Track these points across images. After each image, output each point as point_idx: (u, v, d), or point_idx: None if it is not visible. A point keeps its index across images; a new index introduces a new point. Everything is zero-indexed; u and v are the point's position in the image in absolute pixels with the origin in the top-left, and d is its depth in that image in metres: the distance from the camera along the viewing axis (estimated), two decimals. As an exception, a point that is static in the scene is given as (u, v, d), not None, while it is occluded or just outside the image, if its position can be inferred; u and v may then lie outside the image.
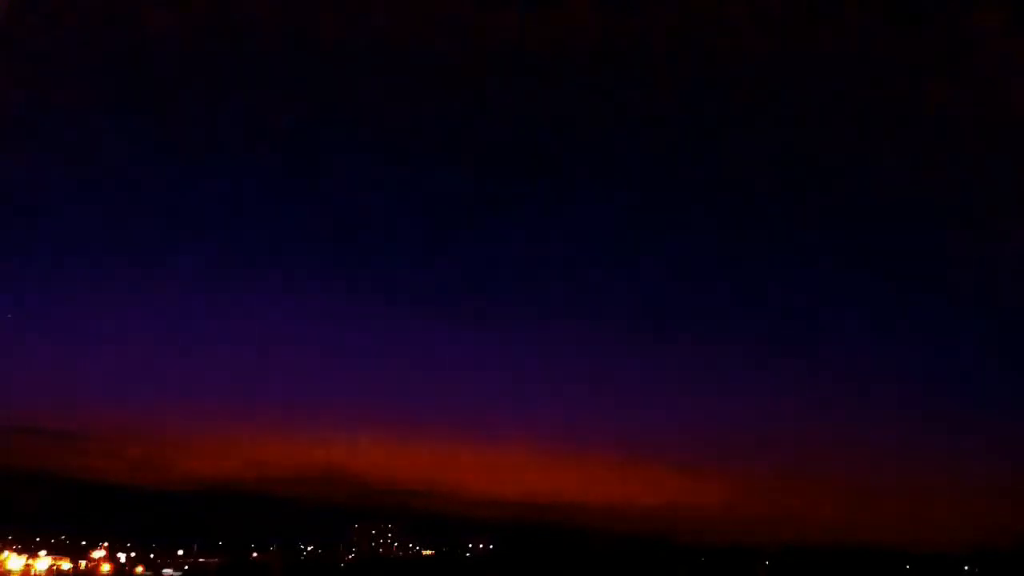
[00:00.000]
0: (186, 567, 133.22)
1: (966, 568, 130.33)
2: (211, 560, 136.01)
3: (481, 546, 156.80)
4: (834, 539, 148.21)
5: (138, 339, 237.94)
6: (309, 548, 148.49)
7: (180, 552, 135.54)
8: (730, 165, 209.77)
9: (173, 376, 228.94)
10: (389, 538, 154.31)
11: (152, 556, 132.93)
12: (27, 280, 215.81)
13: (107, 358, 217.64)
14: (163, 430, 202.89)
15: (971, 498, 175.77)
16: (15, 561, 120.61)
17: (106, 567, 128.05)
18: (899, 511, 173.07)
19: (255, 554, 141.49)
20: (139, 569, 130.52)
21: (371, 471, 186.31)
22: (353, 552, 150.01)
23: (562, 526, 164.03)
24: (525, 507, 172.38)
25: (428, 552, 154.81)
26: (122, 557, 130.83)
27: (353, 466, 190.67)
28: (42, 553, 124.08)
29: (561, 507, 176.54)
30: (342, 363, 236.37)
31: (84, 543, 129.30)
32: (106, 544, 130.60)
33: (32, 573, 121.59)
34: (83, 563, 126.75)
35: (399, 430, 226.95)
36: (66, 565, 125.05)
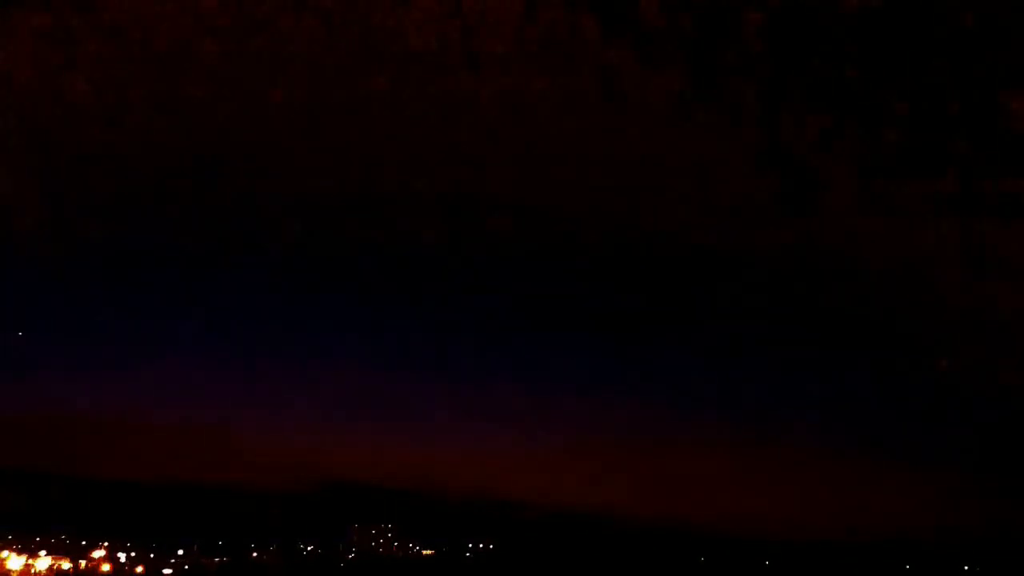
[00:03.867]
0: (186, 567, 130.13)
1: (966, 568, 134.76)
2: (211, 560, 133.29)
3: (481, 546, 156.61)
4: (834, 538, 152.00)
5: (138, 338, 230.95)
6: (309, 548, 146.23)
7: (180, 552, 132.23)
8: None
9: (173, 375, 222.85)
10: (389, 538, 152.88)
11: (152, 556, 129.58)
12: (26, 278, 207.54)
13: (107, 356, 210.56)
14: (163, 430, 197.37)
15: (972, 496, 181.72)
16: (15, 561, 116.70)
17: (106, 567, 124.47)
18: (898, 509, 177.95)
19: (255, 554, 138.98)
20: (139, 569, 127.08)
21: (371, 471, 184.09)
22: (353, 552, 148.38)
23: (563, 526, 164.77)
24: (525, 507, 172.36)
25: (428, 552, 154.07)
26: (122, 557, 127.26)
27: (353, 466, 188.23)
28: (42, 553, 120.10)
29: (561, 507, 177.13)
30: (342, 363, 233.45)
31: (84, 543, 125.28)
32: (106, 544, 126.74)
33: (32, 573, 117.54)
34: (83, 563, 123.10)
35: (399, 430, 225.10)
36: (66, 565, 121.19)
